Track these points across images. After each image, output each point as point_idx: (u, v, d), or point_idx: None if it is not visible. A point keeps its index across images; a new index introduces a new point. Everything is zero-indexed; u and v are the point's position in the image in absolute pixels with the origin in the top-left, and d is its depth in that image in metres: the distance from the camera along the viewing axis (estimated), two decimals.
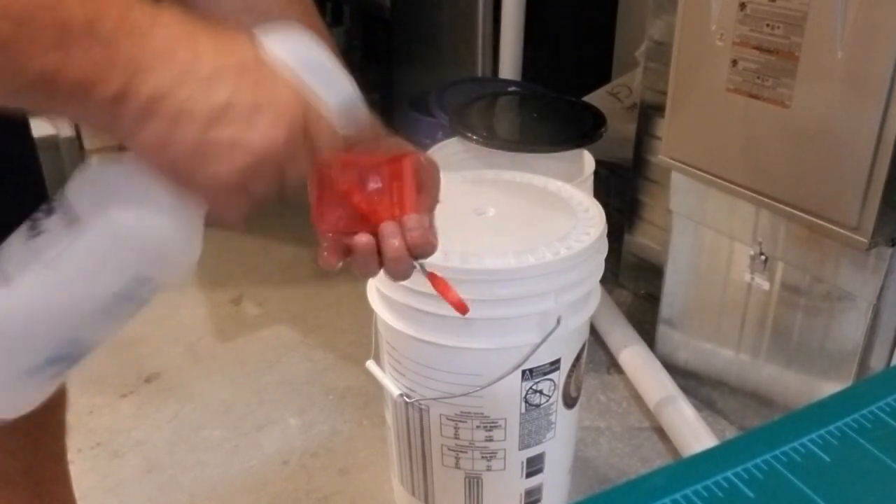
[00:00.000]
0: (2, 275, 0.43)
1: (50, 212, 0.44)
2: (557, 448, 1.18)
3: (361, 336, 1.21)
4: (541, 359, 1.06)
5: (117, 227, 0.43)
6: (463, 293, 1.02)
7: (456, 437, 1.12)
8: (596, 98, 1.97)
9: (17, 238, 0.44)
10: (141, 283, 0.45)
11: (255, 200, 0.44)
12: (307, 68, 0.44)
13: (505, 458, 1.13)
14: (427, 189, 0.58)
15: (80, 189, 0.44)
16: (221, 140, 0.41)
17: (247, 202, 0.44)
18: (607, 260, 1.09)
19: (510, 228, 1.07)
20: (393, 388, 1.12)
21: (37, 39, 0.37)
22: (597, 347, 1.73)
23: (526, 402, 1.09)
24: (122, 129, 0.41)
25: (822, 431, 0.55)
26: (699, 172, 1.41)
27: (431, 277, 0.56)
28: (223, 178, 0.42)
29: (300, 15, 0.60)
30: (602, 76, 2.17)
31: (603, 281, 1.12)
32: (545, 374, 1.08)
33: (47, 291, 0.43)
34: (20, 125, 0.78)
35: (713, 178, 1.38)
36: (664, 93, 1.47)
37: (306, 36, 0.46)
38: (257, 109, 0.41)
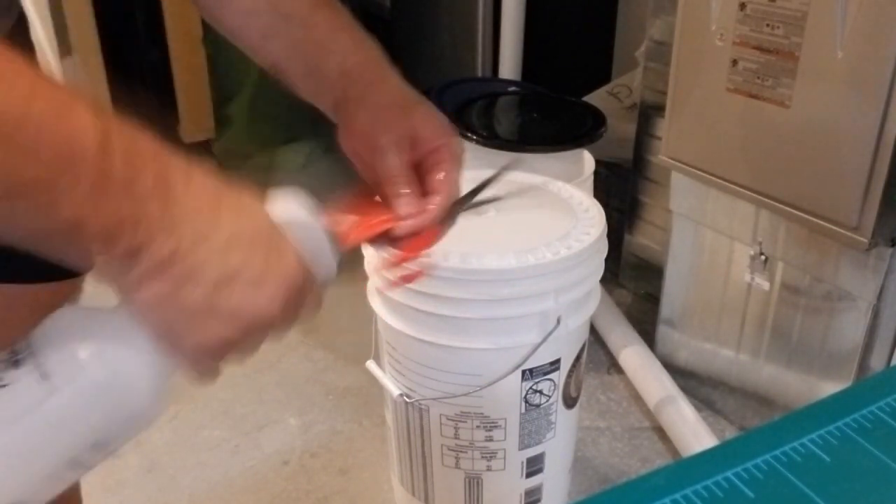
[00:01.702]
0: None
1: (16, 363, 0.41)
2: (557, 448, 1.18)
3: (361, 336, 1.21)
4: (541, 359, 1.06)
5: (91, 388, 0.41)
6: (463, 293, 1.02)
7: (456, 437, 1.12)
8: (596, 98, 1.97)
9: None
10: (98, 449, 0.43)
11: (230, 361, 0.46)
12: (302, 233, 0.46)
13: (505, 458, 1.13)
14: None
15: (50, 341, 0.41)
16: (225, 304, 0.42)
17: (222, 363, 0.46)
18: (607, 260, 1.09)
19: (510, 228, 1.07)
20: (393, 388, 1.12)
21: (75, 187, 0.37)
22: (597, 347, 1.73)
23: (526, 402, 1.09)
24: (126, 280, 0.41)
25: (822, 431, 0.55)
26: (699, 172, 1.41)
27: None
28: (214, 342, 0.43)
29: (329, 15, 0.60)
30: (602, 76, 2.17)
31: (603, 281, 1.12)
32: (545, 374, 1.08)
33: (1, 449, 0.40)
34: None
35: (713, 178, 1.38)
36: (664, 93, 1.47)
37: (304, 203, 0.48)
38: (263, 280, 0.42)
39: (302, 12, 0.59)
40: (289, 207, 0.47)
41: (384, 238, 0.55)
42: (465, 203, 0.58)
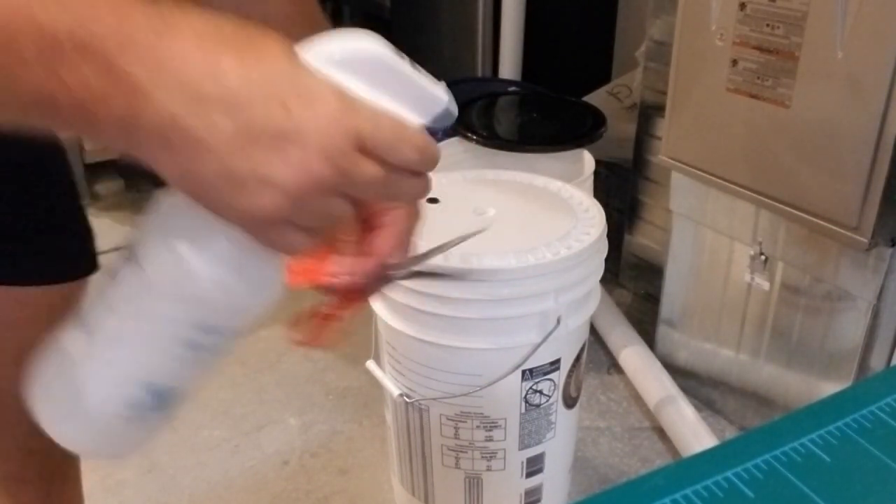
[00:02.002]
0: (83, 323, 0.44)
1: (125, 257, 0.43)
2: (557, 448, 1.18)
3: (361, 336, 1.21)
4: (541, 359, 1.06)
5: (175, 273, 0.41)
6: (463, 293, 1.03)
7: (456, 437, 1.12)
8: (596, 98, 1.97)
9: (98, 285, 0.45)
10: (208, 332, 0.44)
11: (315, 233, 0.39)
12: (370, 76, 0.37)
13: (505, 458, 1.13)
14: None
15: (142, 233, 0.42)
16: (244, 174, 0.35)
17: (304, 236, 0.39)
18: (607, 260, 1.09)
19: (510, 228, 1.07)
20: (393, 388, 1.12)
21: (20, 54, 0.33)
22: (597, 347, 1.73)
23: (526, 402, 1.09)
24: (142, 157, 0.36)
25: (822, 431, 0.55)
26: (699, 172, 1.41)
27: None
28: (258, 214, 0.36)
29: (299, 8, 0.57)
30: (602, 76, 2.17)
31: (603, 281, 1.12)
32: (545, 374, 1.08)
33: (117, 337, 0.44)
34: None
35: (713, 178, 1.38)
36: (664, 93, 1.47)
37: (369, 37, 0.38)
38: (286, 137, 0.35)
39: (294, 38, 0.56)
40: (337, 48, 0.37)
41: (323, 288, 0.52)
42: (405, 267, 0.52)
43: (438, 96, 0.39)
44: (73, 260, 0.86)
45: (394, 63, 0.37)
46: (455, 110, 0.39)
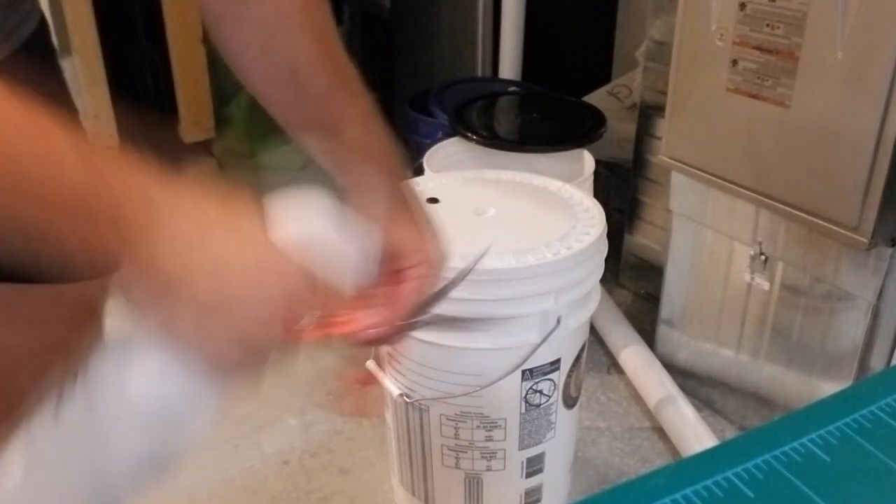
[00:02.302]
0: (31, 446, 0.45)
1: (68, 398, 0.44)
2: (557, 448, 1.18)
3: None
4: (541, 359, 1.06)
5: (130, 402, 0.43)
6: (463, 293, 1.02)
7: (456, 437, 1.12)
8: (596, 98, 1.97)
9: (42, 420, 0.45)
10: (154, 468, 0.46)
11: (261, 369, 0.45)
12: (316, 240, 0.44)
13: (505, 458, 1.13)
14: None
15: (96, 367, 0.44)
16: (219, 327, 0.42)
17: (255, 369, 0.45)
18: (607, 260, 1.09)
19: (510, 228, 1.07)
20: (393, 388, 1.12)
21: (46, 199, 0.39)
22: (597, 347, 1.73)
23: (526, 402, 1.09)
24: (134, 301, 0.43)
25: (822, 431, 0.55)
26: (699, 172, 1.41)
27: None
28: (223, 361, 0.44)
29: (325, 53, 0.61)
30: (602, 76, 2.17)
31: (603, 281, 1.12)
32: (545, 374, 1.08)
33: (67, 459, 0.44)
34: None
35: (713, 178, 1.38)
36: (664, 93, 1.47)
37: (316, 202, 0.46)
38: (257, 299, 0.42)
39: (320, 89, 0.60)
40: (296, 219, 0.45)
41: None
42: (427, 313, 0.58)
43: (363, 250, 0.47)
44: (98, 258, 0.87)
45: (332, 234, 0.46)
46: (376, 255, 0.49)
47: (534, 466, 1.16)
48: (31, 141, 0.39)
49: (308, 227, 0.45)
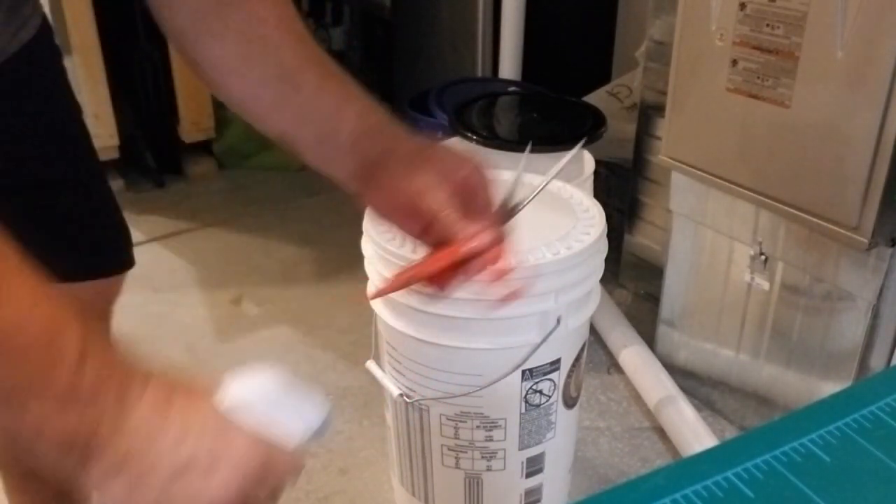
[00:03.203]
0: None
1: None
2: (557, 448, 1.18)
3: (361, 336, 1.21)
4: (541, 359, 1.06)
5: None
6: (463, 293, 1.02)
7: (456, 437, 1.12)
8: (596, 98, 1.97)
9: None
10: None
11: None
12: (269, 407, 0.48)
13: (505, 458, 1.13)
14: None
15: None
16: (180, 496, 0.44)
17: None
18: (607, 260, 1.09)
19: (510, 228, 1.07)
20: (393, 388, 1.12)
21: (45, 397, 0.40)
22: (597, 347, 1.73)
23: (526, 402, 1.09)
24: (88, 482, 0.44)
25: (822, 431, 0.55)
26: (699, 172, 1.41)
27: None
28: None
29: (337, 84, 0.61)
30: (602, 76, 2.17)
31: (603, 281, 1.12)
32: (545, 374, 1.08)
33: None
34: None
35: (713, 178, 1.38)
36: (664, 93, 1.47)
37: (269, 374, 0.49)
38: (214, 464, 0.44)
39: (311, 82, 0.60)
40: (243, 388, 0.48)
41: (458, 269, 0.57)
42: (511, 211, 0.62)
43: (313, 420, 0.50)
44: (110, 256, 0.88)
45: (279, 400, 0.49)
46: (331, 421, 0.50)
47: (534, 466, 1.16)
48: (43, 309, 0.41)
49: (249, 389, 0.49)
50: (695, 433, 1.43)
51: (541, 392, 1.09)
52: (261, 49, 0.60)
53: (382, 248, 1.02)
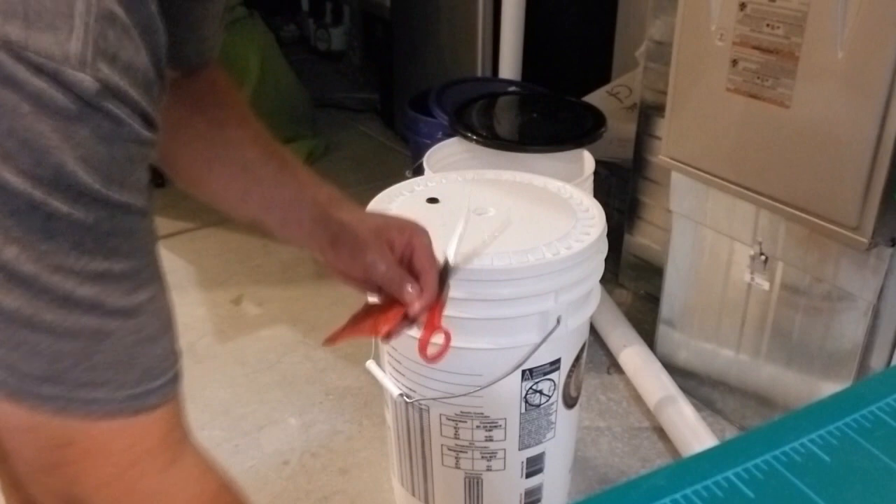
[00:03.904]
0: None
1: None
2: (557, 448, 1.18)
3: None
4: (541, 359, 1.06)
5: None
6: (463, 293, 1.02)
7: (456, 437, 1.12)
8: (596, 98, 1.97)
9: None
10: None
11: None
12: None
13: (505, 458, 1.13)
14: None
15: None
16: None
17: None
18: (607, 260, 1.09)
19: (510, 228, 1.07)
20: (393, 388, 1.12)
21: None
22: (597, 347, 1.73)
23: (526, 402, 1.09)
24: None
25: (822, 431, 0.55)
26: (699, 172, 1.41)
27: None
28: None
29: (292, 174, 0.70)
30: (602, 76, 2.17)
31: (603, 281, 1.12)
32: (545, 374, 1.08)
33: None
34: None
35: (713, 178, 1.38)
36: (664, 93, 1.47)
37: None
38: None
39: (269, 176, 0.68)
40: None
41: (403, 325, 0.68)
42: (449, 270, 0.72)
43: None
44: None
45: None
46: None
47: (534, 466, 1.16)
48: None
49: None
50: (695, 433, 1.43)
51: (541, 392, 1.09)
52: (224, 150, 0.67)
53: None
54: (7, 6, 0.35)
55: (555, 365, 1.08)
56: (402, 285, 0.67)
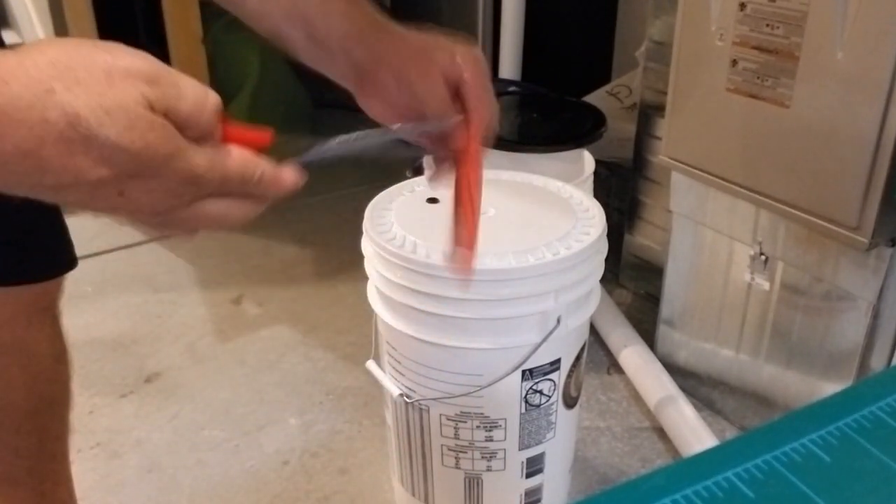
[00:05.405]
0: None
1: None
2: (557, 448, 1.18)
3: (361, 336, 1.21)
4: (541, 359, 1.06)
5: None
6: (463, 293, 1.02)
7: (456, 437, 1.12)
8: (596, 98, 1.97)
9: None
10: None
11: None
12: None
13: (505, 458, 1.13)
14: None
15: None
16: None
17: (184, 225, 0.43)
18: (607, 260, 1.09)
19: (510, 228, 1.07)
20: (393, 388, 1.12)
21: None
22: (597, 347, 1.73)
23: (526, 402, 1.09)
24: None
25: (822, 431, 0.55)
26: (699, 172, 1.41)
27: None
28: (137, 216, 0.42)
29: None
30: (602, 76, 2.17)
31: (603, 281, 1.12)
32: (545, 374, 1.08)
33: None
34: None
35: (713, 178, 1.38)
36: (664, 93, 1.47)
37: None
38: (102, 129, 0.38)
39: None
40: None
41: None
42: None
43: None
44: (52, 258, 0.86)
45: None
46: None
47: (534, 466, 1.16)
48: None
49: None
50: (695, 433, 1.43)
51: (541, 392, 1.09)
52: None
53: (382, 248, 1.02)
54: None
55: (555, 365, 1.08)
56: (454, 121, 0.57)
